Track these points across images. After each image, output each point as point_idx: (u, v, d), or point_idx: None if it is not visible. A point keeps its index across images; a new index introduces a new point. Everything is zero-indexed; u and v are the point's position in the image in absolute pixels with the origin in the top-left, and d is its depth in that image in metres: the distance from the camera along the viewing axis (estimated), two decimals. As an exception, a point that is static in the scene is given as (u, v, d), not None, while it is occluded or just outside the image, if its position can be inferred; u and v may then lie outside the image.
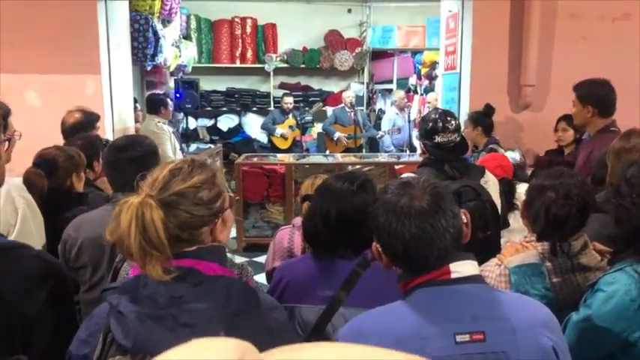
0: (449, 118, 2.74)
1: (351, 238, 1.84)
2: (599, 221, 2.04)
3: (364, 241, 1.90)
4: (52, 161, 2.61)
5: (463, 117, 4.67)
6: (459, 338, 1.25)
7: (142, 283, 1.20)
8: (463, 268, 1.33)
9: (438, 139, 2.72)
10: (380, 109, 9.76)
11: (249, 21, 9.24)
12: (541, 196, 1.94)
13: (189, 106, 7.93)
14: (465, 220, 1.39)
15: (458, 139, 2.76)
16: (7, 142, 1.45)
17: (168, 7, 6.24)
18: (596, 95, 3.35)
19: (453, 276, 1.31)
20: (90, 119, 3.64)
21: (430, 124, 2.74)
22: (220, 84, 9.49)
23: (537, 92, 4.54)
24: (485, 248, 2.08)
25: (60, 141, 3.32)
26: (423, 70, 9.05)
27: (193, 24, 8.84)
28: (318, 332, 1.68)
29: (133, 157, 2.19)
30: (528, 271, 1.87)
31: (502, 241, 2.52)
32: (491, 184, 2.69)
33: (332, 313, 1.70)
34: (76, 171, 2.67)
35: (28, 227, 2.27)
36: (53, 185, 2.61)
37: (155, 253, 1.18)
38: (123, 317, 1.15)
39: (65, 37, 4.37)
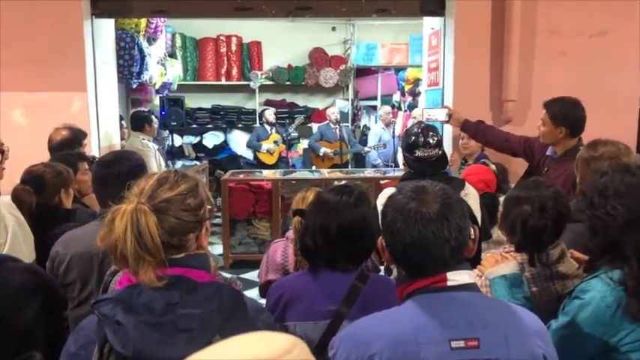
0: (431, 133, 2.79)
1: (351, 251, 1.87)
2: (573, 231, 2.10)
3: (364, 253, 1.94)
4: (40, 177, 2.62)
5: (447, 132, 4.74)
6: (454, 344, 1.29)
7: (135, 293, 1.23)
8: (459, 276, 1.37)
9: (418, 153, 2.77)
10: (365, 126, 9.85)
11: (234, 39, 9.32)
12: (517, 208, 2.00)
13: (175, 123, 7.95)
14: (473, 237, 1.43)
15: (439, 153, 2.81)
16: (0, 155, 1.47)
17: (153, 26, 6.29)
18: (570, 116, 3.32)
19: (449, 283, 1.35)
20: (77, 136, 3.66)
21: (412, 138, 2.80)
22: (206, 101, 9.52)
23: (519, 107, 4.62)
24: (466, 259, 2.12)
25: (46, 158, 3.32)
26: (407, 87, 9.16)
27: (179, 42, 8.89)
28: (323, 348, 1.71)
29: (120, 172, 2.21)
30: (508, 281, 1.92)
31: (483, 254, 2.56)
32: (471, 196, 2.74)
33: (336, 329, 1.73)
34: (64, 187, 2.68)
35: (17, 245, 2.27)
36: (42, 201, 2.62)
37: (149, 258, 1.22)
38: (120, 327, 1.17)
39: (51, 54, 4.38)
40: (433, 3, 4.82)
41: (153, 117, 5.97)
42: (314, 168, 7.85)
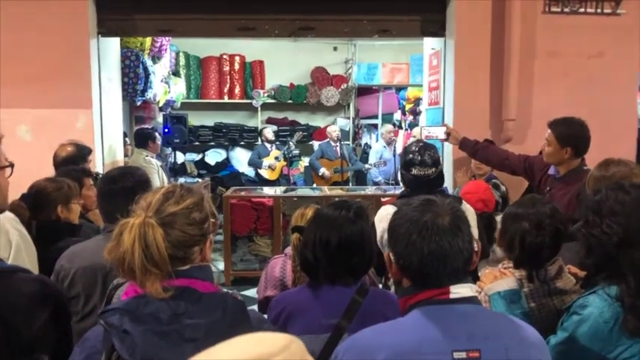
0: (428, 152, 2.81)
1: (350, 265, 1.90)
2: (572, 249, 2.12)
3: (363, 267, 1.97)
4: (39, 192, 2.65)
5: (447, 150, 4.79)
6: (456, 355, 1.32)
7: (142, 303, 1.26)
8: (462, 289, 1.41)
9: (414, 171, 2.81)
10: (366, 144, 9.92)
11: (237, 58, 9.42)
12: (515, 225, 2.03)
13: (178, 140, 8.01)
14: (476, 249, 1.46)
15: (435, 172, 2.83)
16: (9, 169, 1.51)
17: (158, 45, 6.38)
18: (576, 137, 3.31)
19: (452, 296, 1.39)
20: (82, 153, 3.70)
21: (409, 156, 2.84)
22: (208, 119, 9.61)
23: (518, 126, 4.67)
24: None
25: (52, 174, 3.36)
26: (408, 106, 9.24)
27: (182, 61, 9.00)
28: None
29: (125, 188, 2.25)
30: (507, 297, 1.94)
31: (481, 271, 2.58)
32: (468, 214, 2.77)
33: (336, 342, 1.76)
34: (63, 202, 2.70)
35: (21, 258, 2.30)
36: (41, 216, 2.65)
37: (155, 270, 1.25)
38: (128, 336, 1.20)
39: (58, 72, 4.45)
40: (434, 24, 4.90)
41: (156, 134, 6.03)
42: (315, 185, 7.90)
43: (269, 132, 8.47)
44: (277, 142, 8.54)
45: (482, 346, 1.33)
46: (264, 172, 8.21)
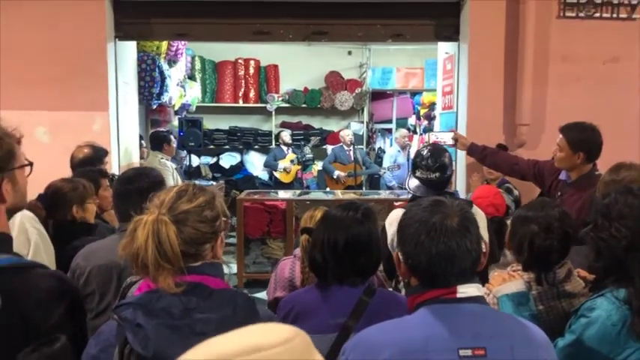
0: (435, 157, 2.82)
1: (358, 265, 1.93)
2: (582, 253, 2.12)
3: (370, 267, 2.00)
4: (55, 192, 2.71)
5: (460, 154, 4.79)
6: (462, 352, 1.34)
7: (155, 298, 1.30)
8: (469, 289, 1.42)
9: (418, 173, 2.83)
10: (379, 148, 9.92)
11: (252, 62, 9.49)
12: (524, 228, 2.04)
13: (193, 144, 8.08)
14: (485, 250, 1.48)
15: (438, 177, 2.82)
16: (28, 168, 1.55)
17: (174, 49, 6.45)
18: (589, 142, 3.29)
19: (459, 295, 1.41)
20: (99, 154, 3.76)
21: (417, 159, 2.86)
22: (223, 123, 9.68)
23: (532, 131, 4.66)
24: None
25: (69, 175, 3.42)
26: (422, 111, 9.22)
27: (198, 65, 9.07)
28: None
29: (140, 188, 2.29)
30: (515, 299, 1.95)
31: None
32: (478, 217, 2.77)
33: (344, 341, 1.78)
34: (78, 202, 2.75)
35: (39, 256, 2.35)
36: (57, 216, 2.70)
37: (167, 266, 1.29)
38: (141, 329, 1.24)
39: (75, 75, 4.53)
40: (448, 28, 4.91)
41: (171, 137, 6.09)
42: (328, 189, 7.92)
43: (286, 135, 8.58)
44: (293, 146, 8.60)
45: (487, 345, 1.35)
46: (279, 175, 8.28)
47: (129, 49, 5.41)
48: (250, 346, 0.63)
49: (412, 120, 9.81)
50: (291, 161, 8.30)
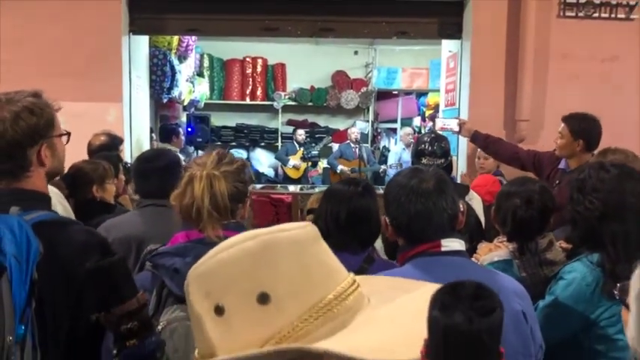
0: (438, 143, 2.98)
1: (358, 234, 2.08)
2: (566, 231, 2.30)
3: (370, 236, 2.15)
4: (77, 172, 2.87)
5: (462, 148, 4.94)
6: None
7: (189, 247, 1.49)
8: (452, 244, 1.59)
9: (424, 160, 2.97)
10: (384, 147, 10.06)
11: (259, 60, 9.64)
12: (507, 202, 2.21)
13: (200, 140, 8.23)
14: (462, 209, 1.65)
15: (443, 164, 2.98)
16: (66, 137, 1.72)
17: (184, 44, 6.62)
18: (588, 131, 3.48)
19: (443, 249, 1.57)
20: (114, 142, 3.93)
21: (420, 146, 3.01)
22: (230, 120, 9.84)
23: (532, 127, 4.80)
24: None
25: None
26: (428, 112, 9.36)
27: (206, 62, 9.23)
28: None
29: (159, 167, 2.46)
30: (500, 266, 2.10)
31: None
32: (475, 201, 2.94)
33: None
34: (98, 182, 2.91)
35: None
36: (79, 194, 2.86)
37: (217, 216, 1.47)
38: (178, 274, 1.41)
39: (91, 67, 4.70)
40: (451, 26, 5.06)
41: (180, 130, 6.26)
42: (332, 185, 8.08)
43: (301, 134, 8.96)
44: (305, 144, 8.84)
45: None
46: (289, 171, 8.49)
47: (141, 44, 5.59)
48: (276, 228, 0.77)
49: (417, 121, 9.95)
50: (302, 157, 8.53)
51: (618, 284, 1.22)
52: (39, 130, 1.58)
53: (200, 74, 8.83)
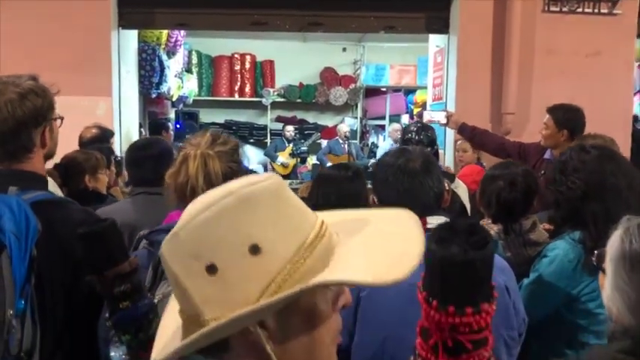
0: (424, 132, 3.05)
1: None
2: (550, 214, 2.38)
3: None
4: (69, 162, 2.90)
5: (449, 140, 5.01)
6: None
7: None
8: (437, 221, 1.63)
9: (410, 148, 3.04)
10: (373, 143, 10.13)
11: (248, 57, 9.67)
12: (492, 185, 2.28)
13: (189, 136, 8.24)
14: (447, 188, 1.71)
15: (431, 151, 3.05)
16: (60, 120, 1.75)
17: (173, 40, 6.63)
18: (572, 121, 3.60)
19: (428, 226, 1.61)
20: (105, 135, 3.96)
21: (407, 135, 3.08)
22: (219, 116, 9.86)
23: (517, 120, 4.88)
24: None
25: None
26: (416, 110, 9.43)
27: (195, 59, 9.25)
28: None
29: (151, 155, 2.50)
30: None
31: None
32: (461, 189, 3.02)
33: None
34: (90, 171, 2.94)
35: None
36: (71, 184, 2.89)
37: None
38: None
39: (81, 61, 4.71)
40: (438, 21, 5.13)
41: (169, 124, 6.28)
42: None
43: (290, 130, 9.02)
44: (294, 141, 8.88)
45: None
46: (277, 167, 8.51)
47: (130, 39, 5.60)
48: (247, 182, 0.78)
49: (405, 119, 10.02)
50: (290, 154, 8.57)
51: (596, 251, 1.29)
52: (43, 112, 1.62)
53: (189, 70, 8.84)
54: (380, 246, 0.81)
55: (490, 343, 0.78)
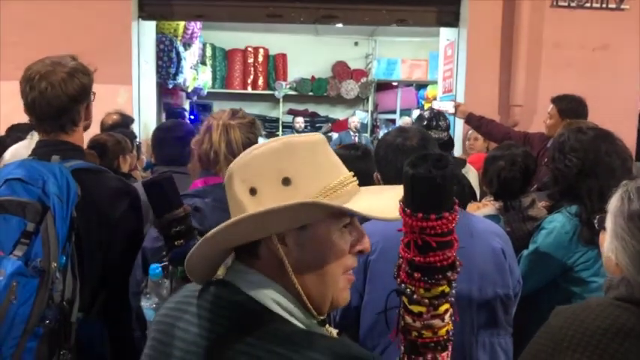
0: (441, 117, 3.20)
1: None
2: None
3: None
4: (103, 144, 3.07)
5: (457, 129, 5.14)
6: None
7: (208, 190, 1.70)
8: None
9: (431, 134, 3.17)
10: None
11: (261, 50, 9.82)
12: (493, 165, 2.43)
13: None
14: None
15: (447, 137, 3.21)
16: (93, 95, 1.92)
17: (190, 32, 6.79)
18: (576, 111, 3.74)
19: None
20: (126, 121, 4.13)
21: (425, 121, 3.22)
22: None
23: (525, 112, 5.00)
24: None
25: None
26: (427, 105, 9.52)
27: (209, 52, 9.41)
28: None
29: (177, 136, 2.69)
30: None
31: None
32: (471, 174, 3.16)
33: None
34: (122, 153, 3.12)
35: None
36: (107, 163, 3.05)
37: (232, 160, 1.68)
38: (198, 212, 1.61)
39: (102, 50, 4.86)
40: (448, 15, 5.25)
41: (185, 113, 6.45)
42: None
43: (299, 122, 9.19)
44: (304, 132, 9.01)
45: None
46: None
47: (149, 31, 5.76)
48: (295, 135, 1.00)
49: (416, 113, 10.09)
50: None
51: (598, 216, 1.42)
52: (87, 89, 1.80)
53: (203, 63, 9.00)
54: (394, 196, 1.01)
55: (455, 247, 0.98)
